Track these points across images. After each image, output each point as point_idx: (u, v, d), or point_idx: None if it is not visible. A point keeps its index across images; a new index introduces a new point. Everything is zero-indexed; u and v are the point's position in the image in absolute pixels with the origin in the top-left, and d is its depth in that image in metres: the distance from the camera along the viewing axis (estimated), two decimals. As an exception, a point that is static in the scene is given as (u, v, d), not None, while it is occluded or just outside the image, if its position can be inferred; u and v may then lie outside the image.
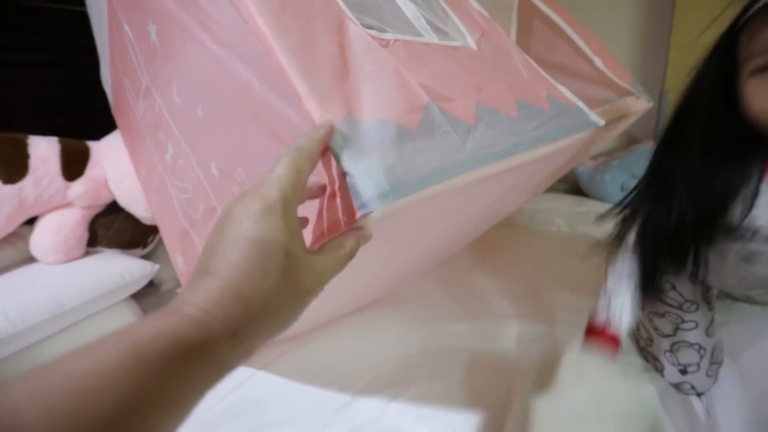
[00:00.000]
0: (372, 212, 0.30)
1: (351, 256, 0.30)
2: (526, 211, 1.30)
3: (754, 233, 0.47)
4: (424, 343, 0.78)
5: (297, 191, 0.27)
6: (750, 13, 0.47)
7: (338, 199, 0.32)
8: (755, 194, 0.47)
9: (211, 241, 0.26)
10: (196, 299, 0.23)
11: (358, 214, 0.30)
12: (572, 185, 1.47)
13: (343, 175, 0.31)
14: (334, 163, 0.32)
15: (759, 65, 0.46)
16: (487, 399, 0.65)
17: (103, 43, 0.80)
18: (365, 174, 0.30)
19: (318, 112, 0.33)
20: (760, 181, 0.47)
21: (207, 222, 0.62)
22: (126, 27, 0.64)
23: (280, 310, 0.25)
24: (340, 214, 0.32)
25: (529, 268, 1.05)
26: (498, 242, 1.18)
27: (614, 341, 0.56)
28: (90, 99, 1.03)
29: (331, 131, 0.32)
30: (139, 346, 0.20)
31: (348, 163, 0.31)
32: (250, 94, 0.42)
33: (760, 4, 0.46)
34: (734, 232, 0.48)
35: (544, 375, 0.53)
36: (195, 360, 0.21)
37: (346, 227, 0.31)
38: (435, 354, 0.75)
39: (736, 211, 0.48)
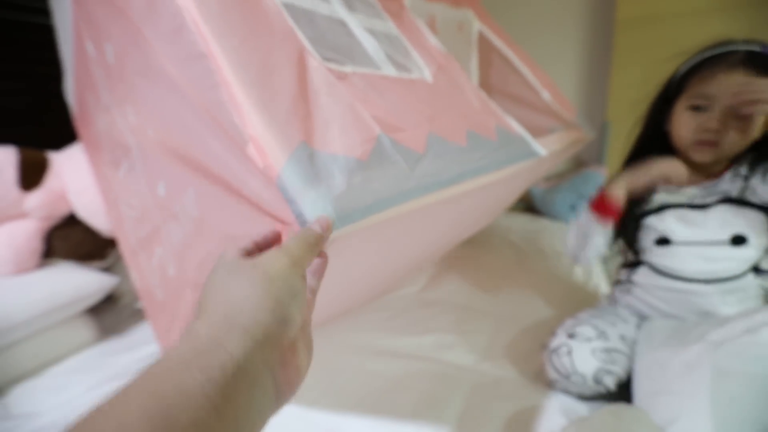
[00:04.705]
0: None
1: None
2: (484, 228, 1.36)
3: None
4: (383, 353, 0.81)
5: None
6: (699, 60, 0.65)
7: (290, 227, 0.35)
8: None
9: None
10: (201, 333, 0.24)
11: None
12: (527, 204, 1.56)
13: (289, 204, 0.34)
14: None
15: (693, 104, 0.64)
16: (441, 409, 0.68)
17: (69, 57, 0.80)
18: (313, 203, 0.33)
19: (271, 140, 0.36)
20: None
21: (151, 242, 0.63)
22: (88, 43, 0.65)
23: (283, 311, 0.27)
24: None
25: (486, 282, 1.10)
26: (456, 257, 1.23)
27: (611, 209, 0.70)
28: (53, 110, 1.01)
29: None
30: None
31: (297, 193, 0.34)
32: (191, 131, 0.45)
33: (708, 54, 0.64)
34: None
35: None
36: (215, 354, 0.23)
37: None
38: (394, 364, 0.78)
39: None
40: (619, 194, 0.69)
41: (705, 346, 0.57)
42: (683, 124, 0.66)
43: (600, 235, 0.72)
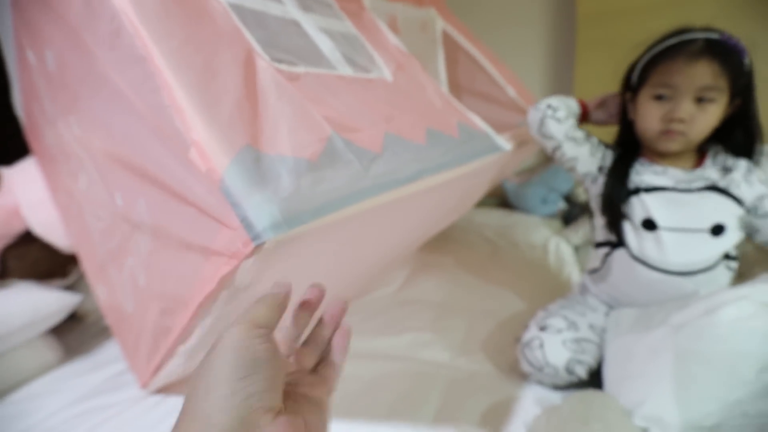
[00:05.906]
0: (265, 242, 0.32)
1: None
2: (458, 224, 1.37)
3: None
4: (359, 356, 0.80)
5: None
6: (660, 49, 0.65)
7: (236, 232, 0.33)
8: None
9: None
10: None
11: (252, 245, 0.32)
12: (501, 199, 1.58)
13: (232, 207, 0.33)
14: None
15: (656, 94, 0.65)
16: (417, 406, 0.68)
17: (13, 66, 0.77)
18: (258, 206, 0.32)
19: (213, 144, 0.35)
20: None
21: (122, 252, 0.60)
22: (29, 52, 0.62)
23: None
24: (240, 245, 0.33)
25: (462, 278, 1.11)
26: (432, 254, 1.24)
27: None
28: (1, 123, 0.97)
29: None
30: None
31: (241, 196, 0.33)
32: (135, 140, 0.44)
33: (668, 43, 0.64)
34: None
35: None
36: None
37: (242, 257, 0.33)
38: (370, 366, 0.77)
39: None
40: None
41: (667, 329, 0.58)
42: (648, 114, 0.66)
43: (563, 98, 0.77)
